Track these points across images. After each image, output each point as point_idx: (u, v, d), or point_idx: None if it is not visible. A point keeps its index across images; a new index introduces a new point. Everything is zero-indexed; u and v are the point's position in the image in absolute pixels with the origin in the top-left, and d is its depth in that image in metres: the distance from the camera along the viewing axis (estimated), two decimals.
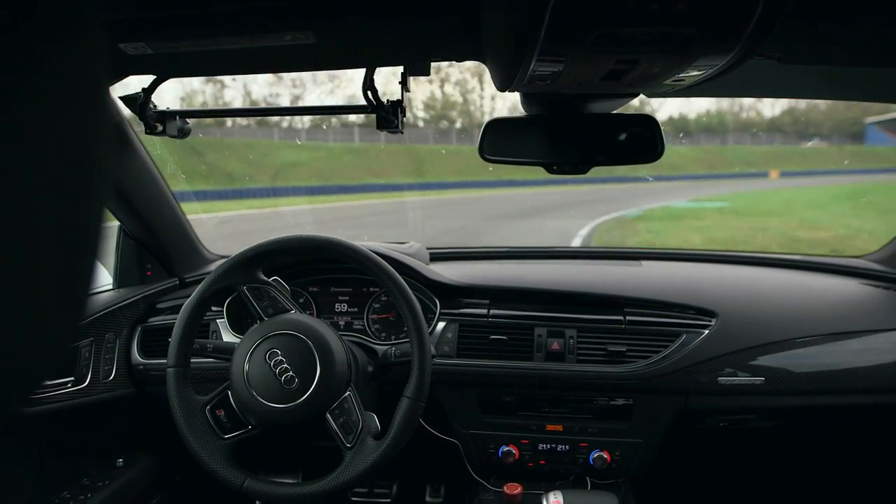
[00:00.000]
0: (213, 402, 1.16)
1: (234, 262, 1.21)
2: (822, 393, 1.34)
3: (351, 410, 1.13)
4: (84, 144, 0.24)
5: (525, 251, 1.91)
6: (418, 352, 1.14)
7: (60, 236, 0.24)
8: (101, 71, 0.25)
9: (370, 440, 1.12)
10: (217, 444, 1.13)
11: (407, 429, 1.11)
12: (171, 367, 1.16)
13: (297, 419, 1.10)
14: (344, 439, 1.11)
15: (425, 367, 1.13)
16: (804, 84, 1.11)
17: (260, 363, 1.12)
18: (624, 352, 1.36)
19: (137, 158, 1.42)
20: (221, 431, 1.14)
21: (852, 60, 0.85)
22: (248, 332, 1.18)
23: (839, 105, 6.38)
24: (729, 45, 0.62)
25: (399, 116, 1.05)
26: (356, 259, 1.21)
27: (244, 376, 1.12)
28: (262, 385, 1.11)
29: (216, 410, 1.16)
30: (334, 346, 1.15)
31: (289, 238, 1.23)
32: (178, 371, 1.17)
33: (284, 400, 1.10)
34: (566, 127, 1.05)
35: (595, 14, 0.57)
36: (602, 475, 1.41)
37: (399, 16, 0.72)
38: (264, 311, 1.19)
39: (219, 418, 1.15)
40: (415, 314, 1.17)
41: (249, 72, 0.99)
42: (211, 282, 1.20)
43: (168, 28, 0.75)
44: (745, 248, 7.09)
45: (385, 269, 1.19)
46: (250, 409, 1.12)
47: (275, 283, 1.24)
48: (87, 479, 1.37)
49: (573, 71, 0.74)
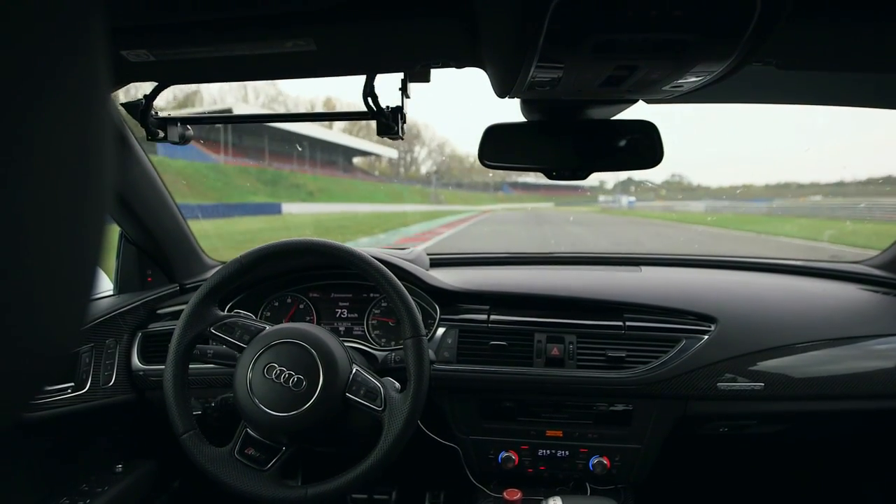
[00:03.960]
0: (237, 445, 1.16)
1: (189, 312, 1.20)
2: (822, 398, 1.34)
3: (365, 381, 1.16)
4: (86, 151, 0.24)
5: (525, 257, 1.91)
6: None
7: (62, 242, 0.24)
8: (104, 78, 0.25)
9: (396, 395, 1.15)
10: (263, 478, 1.12)
11: (423, 367, 1.16)
12: (184, 435, 1.15)
13: (318, 414, 1.11)
14: (373, 405, 1.13)
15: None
16: (802, 90, 1.12)
17: (262, 377, 1.13)
18: (624, 357, 1.36)
19: (138, 165, 1.42)
20: (260, 465, 1.14)
21: (850, 66, 0.85)
22: (240, 359, 1.17)
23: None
24: (726, 51, 0.63)
25: (399, 123, 1.06)
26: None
27: (251, 396, 1.12)
28: (272, 398, 1.11)
29: (245, 450, 1.15)
30: (332, 346, 1.16)
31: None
32: (191, 435, 1.15)
33: (297, 405, 1.10)
34: (565, 133, 1.05)
35: (594, 20, 0.57)
36: (602, 481, 1.40)
37: (399, 23, 0.73)
38: (241, 341, 1.19)
39: (250, 456, 1.15)
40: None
41: (250, 79, 0.99)
42: (177, 341, 1.18)
43: (170, 35, 0.76)
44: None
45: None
46: (265, 426, 1.12)
47: (236, 315, 1.25)
48: (87, 485, 1.36)
49: (572, 77, 0.74)
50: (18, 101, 0.21)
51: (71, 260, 0.25)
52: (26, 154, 0.21)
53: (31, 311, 0.23)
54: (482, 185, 72.07)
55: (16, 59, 0.20)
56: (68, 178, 0.24)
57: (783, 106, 1.27)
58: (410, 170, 74.10)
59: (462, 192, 64.61)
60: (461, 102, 17.19)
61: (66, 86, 0.23)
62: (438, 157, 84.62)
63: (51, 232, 0.23)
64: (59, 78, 0.22)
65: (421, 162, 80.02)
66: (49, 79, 0.22)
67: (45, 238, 0.23)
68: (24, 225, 0.22)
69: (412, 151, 75.84)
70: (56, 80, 0.22)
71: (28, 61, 0.21)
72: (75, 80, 0.23)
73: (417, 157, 77.93)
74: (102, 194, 0.26)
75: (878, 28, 0.69)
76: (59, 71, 0.22)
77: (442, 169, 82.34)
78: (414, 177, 71.62)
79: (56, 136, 0.22)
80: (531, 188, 71.88)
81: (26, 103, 0.21)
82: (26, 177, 0.21)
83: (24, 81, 0.21)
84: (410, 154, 75.69)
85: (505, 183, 79.92)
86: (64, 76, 0.23)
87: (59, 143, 0.23)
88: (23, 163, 0.21)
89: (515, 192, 73.25)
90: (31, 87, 0.21)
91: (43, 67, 0.21)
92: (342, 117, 1.21)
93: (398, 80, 1.01)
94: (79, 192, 0.24)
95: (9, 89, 0.20)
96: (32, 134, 0.21)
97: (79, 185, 0.24)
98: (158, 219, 1.55)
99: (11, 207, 0.21)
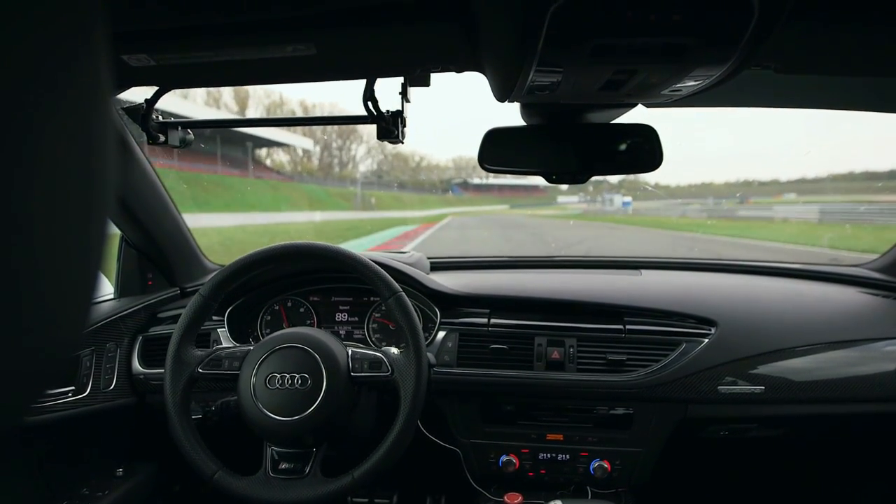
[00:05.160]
0: (268, 465, 1.14)
1: (171, 363, 1.18)
2: (822, 402, 1.34)
3: (364, 356, 1.17)
4: (87, 155, 0.24)
5: (525, 260, 1.91)
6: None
7: (64, 245, 0.24)
8: (105, 82, 0.25)
9: (399, 356, 1.17)
10: (305, 483, 1.11)
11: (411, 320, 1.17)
12: (214, 476, 1.12)
13: (333, 404, 1.11)
14: (381, 374, 1.15)
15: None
16: (801, 94, 1.12)
17: (266, 389, 1.12)
18: (624, 361, 1.36)
19: (139, 169, 1.43)
20: (299, 474, 1.13)
21: (849, 70, 0.85)
22: (238, 384, 1.16)
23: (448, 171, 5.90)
24: (725, 55, 0.63)
25: (399, 127, 1.06)
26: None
27: (264, 413, 1.11)
28: (283, 405, 1.11)
29: (278, 467, 1.14)
30: (320, 336, 1.17)
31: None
32: (221, 475, 1.12)
33: (309, 402, 1.11)
34: (565, 137, 1.05)
35: (593, 24, 0.58)
36: (602, 484, 1.40)
37: (399, 27, 0.73)
38: (232, 369, 1.19)
39: (285, 470, 1.13)
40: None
41: (251, 83, 1.00)
42: (171, 395, 1.17)
43: (170, 40, 0.76)
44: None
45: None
46: (287, 435, 1.12)
47: (217, 350, 1.23)
48: (87, 489, 1.36)
49: (571, 81, 0.74)
50: (20, 105, 0.21)
51: (73, 263, 0.25)
52: (28, 158, 0.21)
53: (33, 314, 0.23)
54: (429, 186, 66.69)
55: (18, 63, 0.20)
56: (70, 182, 0.24)
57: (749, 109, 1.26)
58: (346, 168, 68.97)
59: (407, 193, 59.42)
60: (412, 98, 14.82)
61: (67, 90, 0.23)
62: (378, 156, 78.55)
63: (53, 235, 0.23)
64: (60, 82, 0.22)
65: (359, 160, 72.89)
66: (51, 83, 0.22)
67: (47, 241, 0.23)
68: (26, 228, 0.22)
69: (348, 149, 70.09)
70: (58, 85, 0.22)
71: (30, 65, 0.21)
72: (77, 84, 0.23)
73: (355, 154, 72.03)
74: (104, 198, 0.26)
75: (876, 31, 0.69)
76: (60, 75, 0.22)
77: (383, 168, 77.44)
78: (348, 177, 64.80)
79: (58, 139, 0.22)
80: (483, 189, 68.43)
81: (28, 107, 0.21)
82: (28, 180, 0.21)
83: (27, 86, 0.21)
84: (345, 152, 69.38)
85: (454, 184, 74.60)
86: (66, 80, 0.23)
87: (60, 146, 0.23)
88: (24, 166, 0.21)
89: (467, 193, 68.57)
90: (33, 91, 0.21)
91: (45, 71, 0.21)
92: (341, 121, 1.21)
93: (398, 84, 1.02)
94: (80, 195, 0.24)
95: (10, 93, 0.20)
96: (34, 138, 0.21)
97: (80, 189, 0.24)
98: (159, 222, 1.55)
99: (13, 211, 0.21)
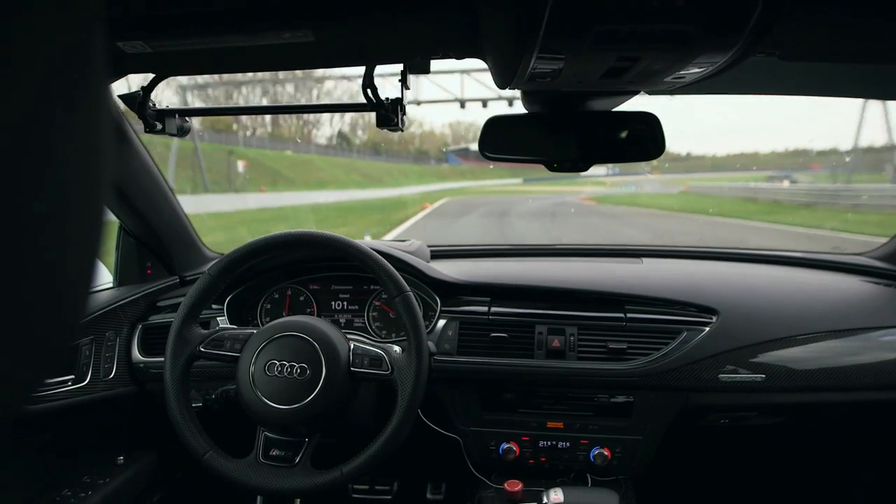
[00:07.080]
0: (259, 450, 1.15)
1: (173, 339, 1.18)
2: (823, 390, 1.34)
3: (366, 351, 1.17)
4: (84, 143, 0.24)
5: (525, 249, 1.91)
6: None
7: (61, 234, 0.24)
8: (101, 69, 0.25)
9: (400, 356, 1.16)
10: (294, 472, 1.12)
11: (416, 320, 1.16)
12: (204, 456, 1.13)
13: (330, 396, 1.11)
14: (380, 371, 1.15)
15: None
16: (806, 81, 1.11)
17: (265, 376, 1.13)
18: (625, 349, 1.36)
19: (137, 157, 1.42)
20: (289, 462, 1.13)
21: (855, 57, 0.84)
22: (238, 367, 1.16)
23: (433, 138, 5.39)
24: (730, 42, 0.62)
25: (399, 114, 1.05)
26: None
27: (260, 398, 1.12)
28: (280, 393, 1.11)
29: (269, 453, 1.14)
30: (324, 328, 1.17)
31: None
32: (211, 454, 1.13)
33: (306, 393, 1.11)
34: (567, 124, 1.04)
35: (595, 11, 0.56)
36: (603, 472, 1.41)
37: (398, 13, 0.72)
38: (233, 350, 1.18)
39: (276, 457, 1.14)
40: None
41: (248, 70, 0.99)
42: (170, 370, 1.17)
43: (166, 27, 0.75)
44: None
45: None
46: (281, 422, 1.12)
47: (220, 330, 1.23)
48: (88, 477, 1.37)
49: (573, 68, 0.73)
50: (16, 92, 0.20)
51: (70, 252, 0.25)
52: (23, 145, 0.21)
53: (30, 303, 0.23)
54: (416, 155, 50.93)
55: (14, 50, 0.20)
56: (66, 170, 0.24)
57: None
58: (303, 132, 49.64)
59: (380, 161, 42.90)
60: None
61: (63, 77, 0.23)
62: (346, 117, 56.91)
63: (49, 223, 0.23)
64: (57, 69, 0.22)
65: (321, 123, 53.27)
66: (47, 70, 0.22)
67: (44, 229, 0.23)
68: (21, 217, 0.21)
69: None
70: (54, 72, 0.22)
71: (26, 52, 0.20)
72: (73, 71, 0.23)
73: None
74: (101, 186, 0.26)
75: (883, 17, 0.68)
76: (57, 62, 0.22)
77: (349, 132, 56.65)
78: (306, 139, 45.45)
79: (54, 127, 0.22)
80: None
81: (24, 94, 0.21)
82: (23, 168, 0.21)
83: (23, 72, 0.20)
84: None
85: (449, 151, 56.14)
86: (62, 67, 0.22)
87: (57, 134, 0.23)
88: (19, 154, 0.21)
89: (467, 162, 51.52)
90: (29, 78, 0.21)
91: (41, 58, 0.21)
92: (342, 109, 1.20)
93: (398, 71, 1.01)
94: (77, 183, 0.24)
95: (6, 80, 0.20)
96: (30, 125, 0.21)
97: (77, 177, 0.24)
98: (157, 211, 1.54)
99: (8, 199, 0.21)
